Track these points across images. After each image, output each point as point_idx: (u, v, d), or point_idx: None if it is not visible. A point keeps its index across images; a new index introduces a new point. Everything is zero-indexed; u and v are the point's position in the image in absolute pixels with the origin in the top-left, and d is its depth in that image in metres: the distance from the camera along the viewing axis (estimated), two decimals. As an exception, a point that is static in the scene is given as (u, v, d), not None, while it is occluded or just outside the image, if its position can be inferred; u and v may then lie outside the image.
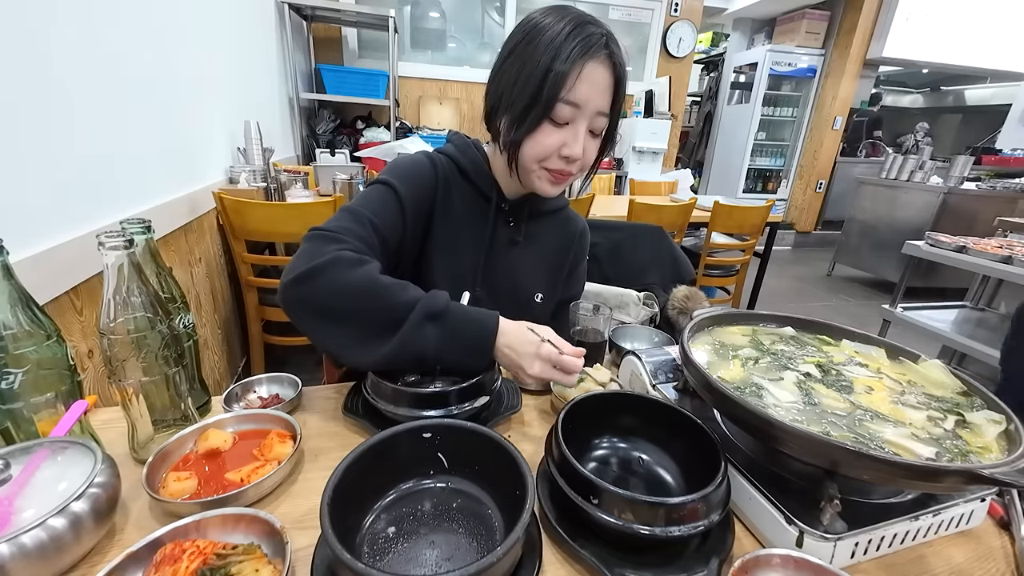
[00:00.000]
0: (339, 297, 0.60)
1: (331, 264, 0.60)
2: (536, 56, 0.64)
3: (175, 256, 1.40)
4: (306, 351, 2.05)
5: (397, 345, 0.59)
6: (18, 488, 0.44)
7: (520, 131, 0.67)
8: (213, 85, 1.77)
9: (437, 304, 0.61)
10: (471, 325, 0.62)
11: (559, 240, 0.90)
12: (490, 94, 0.72)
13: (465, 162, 0.78)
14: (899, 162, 3.93)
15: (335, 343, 0.61)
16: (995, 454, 0.46)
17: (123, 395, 0.54)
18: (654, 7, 4.29)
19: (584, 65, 0.63)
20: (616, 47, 0.66)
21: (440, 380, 0.68)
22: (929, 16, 4.81)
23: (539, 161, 0.70)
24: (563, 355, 0.61)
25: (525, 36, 0.66)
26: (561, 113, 0.66)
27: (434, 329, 0.60)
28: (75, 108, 0.98)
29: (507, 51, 0.69)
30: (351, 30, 3.70)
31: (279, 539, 0.42)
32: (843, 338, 0.69)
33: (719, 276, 2.77)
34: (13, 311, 0.48)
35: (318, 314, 0.61)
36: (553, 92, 0.64)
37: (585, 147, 0.69)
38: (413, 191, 0.73)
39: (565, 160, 0.69)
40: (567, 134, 0.67)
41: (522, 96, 0.65)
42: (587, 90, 0.65)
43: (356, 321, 0.60)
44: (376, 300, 0.60)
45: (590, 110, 0.66)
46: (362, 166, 2.42)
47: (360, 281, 0.60)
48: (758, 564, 0.42)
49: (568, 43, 0.63)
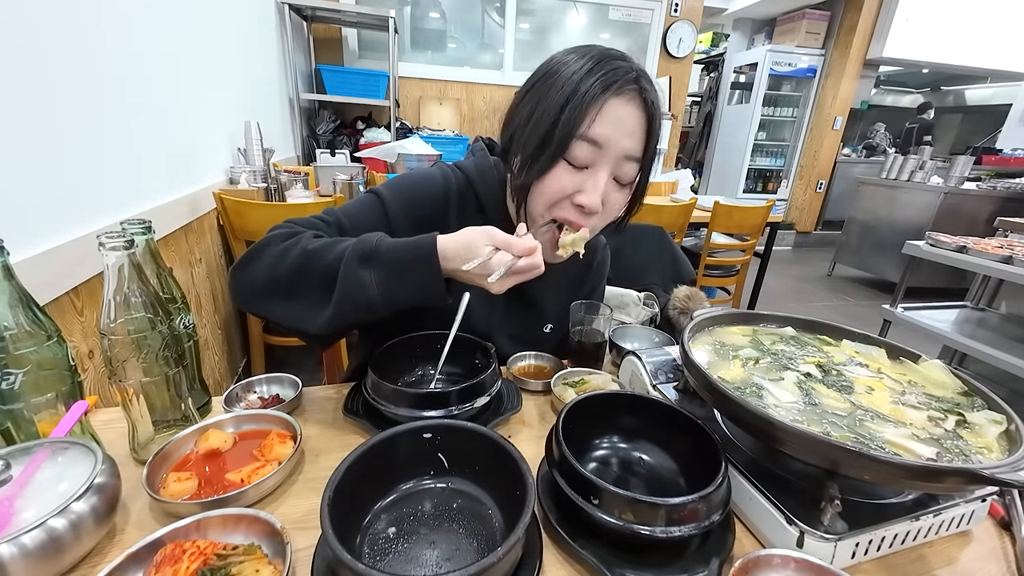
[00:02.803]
0: (276, 271, 0.58)
1: (263, 245, 0.60)
2: (554, 91, 0.58)
3: (175, 256, 1.40)
4: (306, 351, 2.05)
5: (339, 298, 0.55)
6: (18, 488, 0.44)
7: (532, 173, 0.60)
8: (213, 85, 1.77)
9: (366, 245, 0.56)
10: (407, 256, 0.55)
11: (576, 271, 0.83)
12: (504, 131, 0.66)
13: (480, 187, 0.72)
14: (899, 162, 3.93)
15: (287, 317, 0.59)
16: (996, 454, 0.46)
17: (123, 395, 0.54)
18: (654, 7, 4.29)
19: (608, 100, 0.57)
20: (649, 84, 0.60)
21: (440, 381, 0.68)
22: (929, 16, 4.81)
23: (549, 207, 0.62)
24: (519, 259, 0.54)
25: (545, 72, 0.61)
26: (579, 153, 0.58)
27: (369, 272, 0.55)
28: (75, 109, 0.98)
29: (525, 89, 0.63)
30: (351, 30, 3.70)
31: (279, 539, 0.42)
32: (843, 338, 0.69)
33: (719, 276, 2.77)
34: (14, 311, 0.48)
35: (263, 294, 0.60)
36: (569, 128, 0.57)
37: (607, 197, 0.61)
38: (403, 204, 0.69)
39: (579, 210, 0.61)
40: (584, 179, 0.60)
41: (536, 133, 0.59)
42: (610, 129, 0.58)
43: (299, 291, 0.58)
44: (311, 263, 0.57)
45: (614, 153, 0.59)
46: (362, 166, 2.42)
47: (293, 249, 0.58)
48: (758, 564, 0.42)
49: (590, 76, 0.57)
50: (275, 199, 1.88)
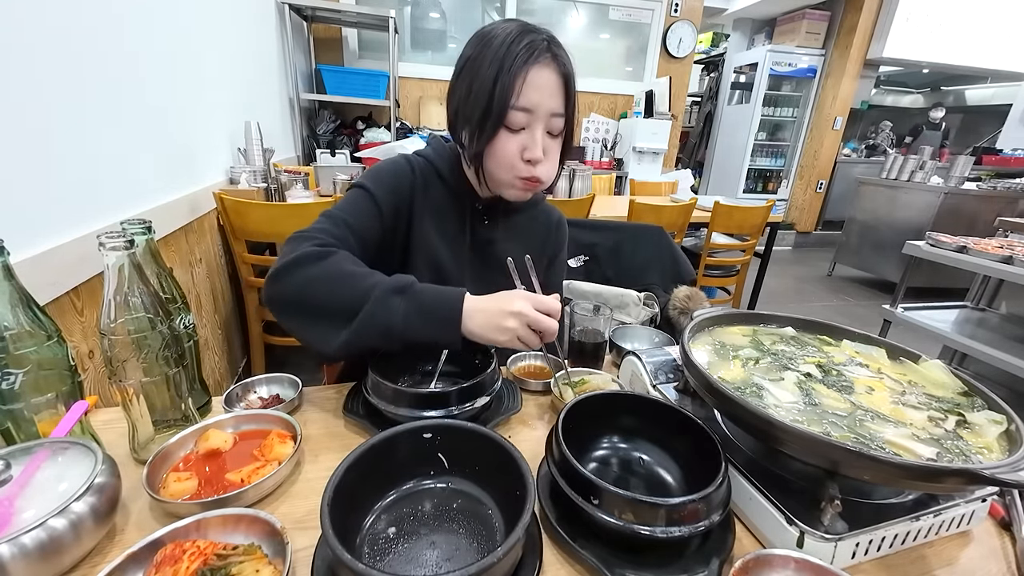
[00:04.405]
0: (309, 288, 0.62)
1: (298, 260, 0.63)
2: (484, 68, 0.67)
3: (175, 256, 1.40)
4: (306, 352, 2.04)
5: (365, 317, 0.60)
6: (19, 488, 0.44)
7: (481, 142, 0.70)
8: (214, 86, 1.77)
9: (403, 280, 0.63)
10: (438, 298, 0.63)
11: (536, 235, 0.92)
12: (448, 108, 0.75)
13: (440, 164, 0.80)
14: (899, 162, 3.92)
15: (306, 333, 0.64)
16: (996, 454, 0.46)
17: (123, 395, 0.54)
18: (654, 7, 4.29)
19: (529, 71, 0.66)
20: (559, 49, 0.69)
21: (441, 381, 0.68)
22: (929, 16, 4.81)
23: (507, 170, 0.71)
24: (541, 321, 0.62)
25: (473, 50, 0.69)
26: (515, 120, 0.68)
27: (401, 301, 0.61)
28: (76, 108, 0.98)
29: (459, 66, 0.71)
30: (351, 30, 3.70)
31: (279, 539, 0.42)
32: (843, 338, 0.69)
33: (719, 276, 2.77)
34: (14, 311, 0.48)
35: (295, 308, 0.64)
36: (503, 101, 0.66)
37: (546, 148, 0.71)
38: (388, 191, 0.76)
39: (529, 164, 0.71)
40: (525, 138, 0.70)
41: (476, 108, 0.68)
42: (536, 94, 0.67)
43: (328, 310, 0.62)
44: (343, 286, 0.62)
45: (543, 112, 0.69)
46: (362, 166, 2.42)
47: (327, 271, 0.63)
48: (759, 564, 0.42)
49: (511, 51, 0.66)
50: (275, 199, 1.88)
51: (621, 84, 4.45)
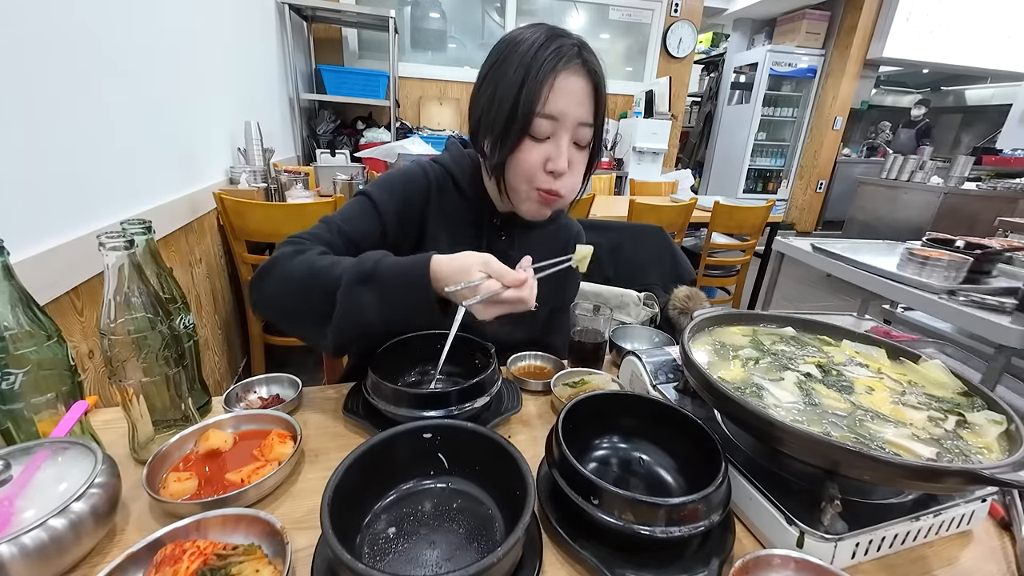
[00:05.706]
0: (286, 287, 0.62)
1: (272, 264, 0.63)
2: (509, 75, 0.64)
3: (175, 256, 1.40)
4: (306, 351, 2.05)
5: (339, 318, 0.57)
6: (19, 488, 0.44)
7: (503, 152, 0.67)
8: (214, 86, 1.78)
9: (365, 265, 0.59)
10: (401, 280, 0.58)
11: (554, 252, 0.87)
12: (471, 116, 0.72)
13: (458, 173, 0.78)
14: (899, 162, 3.92)
15: (301, 334, 0.64)
16: (996, 454, 0.46)
17: (123, 395, 0.54)
18: (654, 7, 4.29)
19: (557, 76, 0.63)
20: (589, 55, 0.66)
21: (440, 381, 0.68)
22: (929, 16, 4.82)
23: (527, 181, 0.68)
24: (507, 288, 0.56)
25: (499, 56, 0.66)
26: (540, 128, 0.65)
27: (368, 292, 0.57)
28: (75, 109, 0.98)
29: (483, 73, 0.69)
30: (351, 31, 3.70)
31: (279, 539, 0.42)
32: (843, 338, 0.69)
33: (719, 276, 2.77)
34: (14, 311, 0.48)
35: (279, 312, 0.64)
36: (528, 108, 0.63)
37: (571, 159, 0.68)
38: (394, 198, 0.75)
39: (552, 176, 0.67)
40: (549, 148, 0.66)
41: (500, 116, 0.65)
42: (563, 102, 0.64)
43: (305, 311, 0.61)
44: (312, 285, 0.60)
45: (570, 121, 0.65)
46: (362, 166, 2.42)
47: (299, 268, 0.62)
48: (759, 565, 0.42)
49: (539, 56, 0.62)
50: (275, 199, 1.88)
51: (621, 84, 4.46)
